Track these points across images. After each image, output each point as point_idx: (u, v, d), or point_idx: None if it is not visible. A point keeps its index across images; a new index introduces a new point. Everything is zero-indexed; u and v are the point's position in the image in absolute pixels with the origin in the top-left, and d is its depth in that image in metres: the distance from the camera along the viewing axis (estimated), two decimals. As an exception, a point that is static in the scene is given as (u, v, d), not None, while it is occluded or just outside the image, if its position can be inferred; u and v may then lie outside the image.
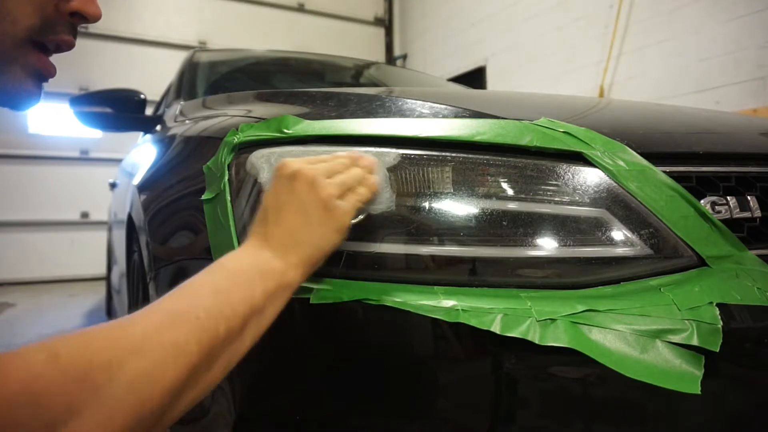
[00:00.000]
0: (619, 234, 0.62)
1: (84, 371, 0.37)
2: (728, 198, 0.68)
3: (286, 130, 0.69)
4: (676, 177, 0.66)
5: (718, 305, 0.56)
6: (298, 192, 0.56)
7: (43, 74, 0.54)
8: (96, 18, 0.54)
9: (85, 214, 5.61)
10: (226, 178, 0.69)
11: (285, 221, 0.55)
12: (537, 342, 0.53)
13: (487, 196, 0.63)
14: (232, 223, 0.66)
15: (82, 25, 0.56)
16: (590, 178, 0.64)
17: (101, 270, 4.00)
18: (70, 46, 0.55)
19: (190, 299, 0.46)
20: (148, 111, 1.76)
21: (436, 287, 0.59)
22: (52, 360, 0.37)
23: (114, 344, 0.40)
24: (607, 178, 0.64)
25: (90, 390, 0.37)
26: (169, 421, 0.43)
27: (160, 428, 0.42)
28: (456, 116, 0.72)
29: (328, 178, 0.57)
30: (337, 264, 0.61)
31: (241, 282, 0.50)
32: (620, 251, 0.61)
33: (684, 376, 0.53)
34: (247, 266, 0.52)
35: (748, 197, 0.70)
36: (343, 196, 0.57)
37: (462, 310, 0.55)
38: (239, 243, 0.64)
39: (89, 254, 5.31)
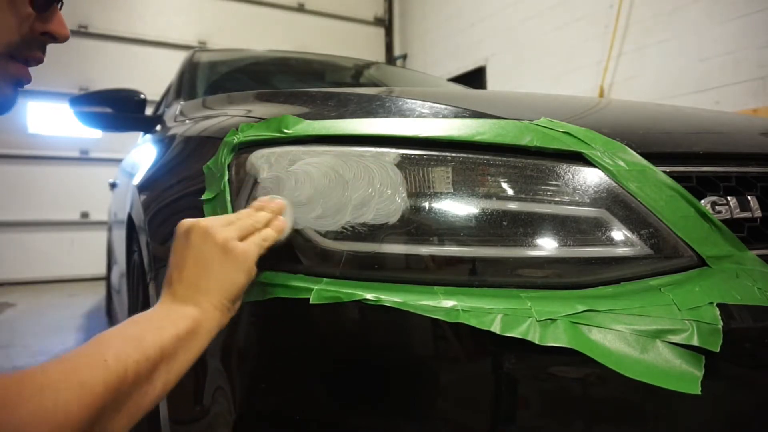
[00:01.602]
0: (619, 234, 0.62)
1: None
2: (728, 198, 0.68)
3: (286, 130, 0.69)
4: (676, 177, 0.66)
5: (718, 305, 0.56)
6: (193, 243, 0.57)
7: (21, 81, 0.58)
8: (65, 38, 0.60)
9: (85, 214, 5.61)
10: (226, 178, 0.69)
11: (186, 274, 0.57)
12: (537, 342, 0.53)
13: (487, 196, 0.63)
14: (232, 223, 0.66)
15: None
16: (590, 178, 0.64)
17: (101, 270, 4.01)
18: (39, 62, 0.59)
19: (98, 346, 0.48)
20: (148, 111, 1.76)
21: (436, 287, 0.59)
22: None
23: (18, 384, 0.40)
24: (607, 178, 0.64)
25: None
26: None
27: None
28: (456, 116, 0.72)
29: (225, 226, 0.59)
30: (337, 264, 0.61)
31: (151, 329, 0.51)
32: (620, 251, 0.61)
33: (684, 376, 0.53)
34: (158, 316, 0.54)
35: (749, 197, 0.70)
36: (244, 239, 0.59)
37: (462, 310, 0.55)
38: None
39: (89, 254, 5.31)
